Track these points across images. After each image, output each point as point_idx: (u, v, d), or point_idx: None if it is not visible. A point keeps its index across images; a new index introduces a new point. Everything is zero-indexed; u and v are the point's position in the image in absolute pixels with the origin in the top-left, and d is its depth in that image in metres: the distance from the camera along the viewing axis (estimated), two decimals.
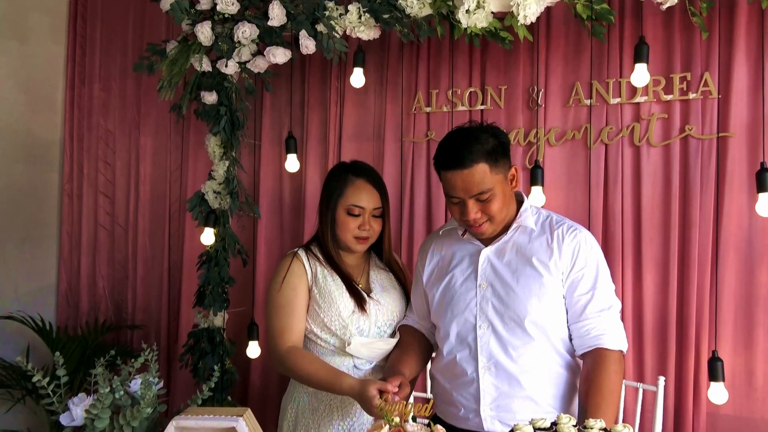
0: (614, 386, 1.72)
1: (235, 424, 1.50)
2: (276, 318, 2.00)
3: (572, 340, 1.84)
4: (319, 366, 1.92)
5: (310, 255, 2.06)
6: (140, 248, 3.63)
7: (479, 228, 1.83)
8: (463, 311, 1.86)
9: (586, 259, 1.81)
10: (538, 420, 1.38)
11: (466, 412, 1.86)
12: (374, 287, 2.07)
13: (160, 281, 3.60)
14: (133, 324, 3.66)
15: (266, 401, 3.29)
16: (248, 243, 3.27)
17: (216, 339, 3.08)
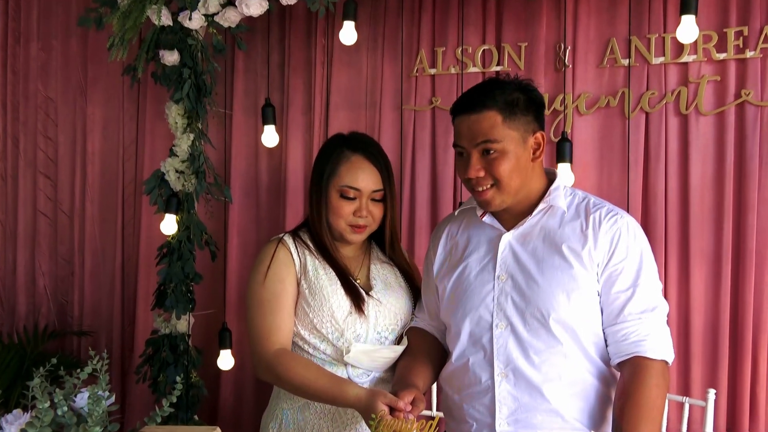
0: (655, 401, 1.71)
1: None
2: (260, 316, 1.97)
3: (608, 346, 1.83)
4: (318, 372, 1.89)
5: (298, 242, 2.05)
6: (88, 239, 3.61)
7: (483, 195, 1.82)
8: (477, 307, 1.85)
9: (627, 249, 1.79)
10: None
11: (478, 427, 1.84)
12: (375, 284, 2.06)
13: (112, 279, 3.58)
14: (81, 330, 3.64)
15: (240, 422, 3.28)
16: (218, 233, 3.26)
17: (179, 347, 3.07)
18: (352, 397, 1.80)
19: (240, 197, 3.30)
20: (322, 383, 1.86)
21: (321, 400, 1.90)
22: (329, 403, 1.89)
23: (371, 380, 2.01)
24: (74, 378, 1.65)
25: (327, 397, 1.86)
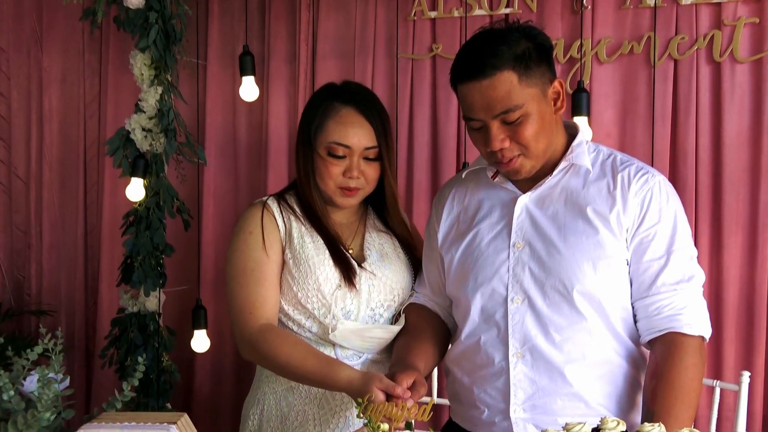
0: (692, 383, 1.69)
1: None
2: (242, 288, 1.95)
3: (637, 321, 1.80)
4: (306, 351, 1.86)
5: (283, 206, 2.02)
6: (47, 208, 3.55)
7: (511, 165, 1.77)
8: (490, 279, 1.82)
9: (659, 212, 1.76)
10: (575, 425, 1.34)
11: (490, 414, 1.82)
12: (369, 255, 2.02)
13: (74, 252, 3.53)
14: (39, 309, 3.58)
15: (218, 410, 3.25)
16: (191, 199, 3.20)
17: (149, 327, 3.02)
18: (343, 380, 1.76)
19: (216, 159, 3.25)
20: (311, 364, 1.82)
21: (309, 383, 1.87)
22: (318, 386, 1.86)
23: (363, 362, 1.98)
24: (23, 359, 1.60)
25: (315, 379, 1.82)
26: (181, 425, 1.49)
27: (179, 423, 1.49)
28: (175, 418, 1.50)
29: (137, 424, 1.46)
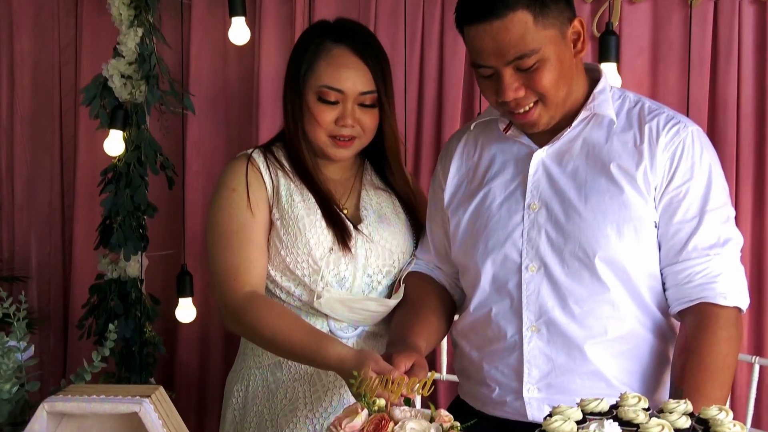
0: (725, 359, 1.68)
1: (137, 409, 1.42)
2: (225, 251, 1.93)
3: (666, 290, 1.78)
4: (293, 323, 1.85)
5: (270, 159, 1.99)
6: (18, 164, 3.52)
7: (527, 116, 1.74)
8: (502, 244, 1.80)
9: (692, 168, 1.73)
10: (591, 401, 1.33)
11: (501, 392, 1.82)
12: (366, 215, 2.00)
13: (49, 212, 3.51)
14: (12, 275, 3.58)
15: (205, 385, 3.26)
16: (175, 154, 3.17)
17: (131, 295, 3.02)
18: (333, 359, 1.74)
19: (203, 109, 3.20)
20: (299, 338, 1.81)
21: (296, 359, 1.87)
22: (306, 363, 1.86)
23: (358, 335, 1.98)
24: None
25: (303, 355, 1.81)
26: (156, 399, 1.47)
27: (153, 397, 1.47)
28: (149, 392, 1.48)
29: (107, 398, 1.45)
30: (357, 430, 1.34)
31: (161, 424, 1.44)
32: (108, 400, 1.43)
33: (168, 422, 1.47)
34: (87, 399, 1.43)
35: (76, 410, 1.43)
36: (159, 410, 1.45)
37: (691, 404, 1.33)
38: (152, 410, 1.43)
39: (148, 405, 1.43)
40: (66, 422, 1.48)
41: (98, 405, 1.42)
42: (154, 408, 1.44)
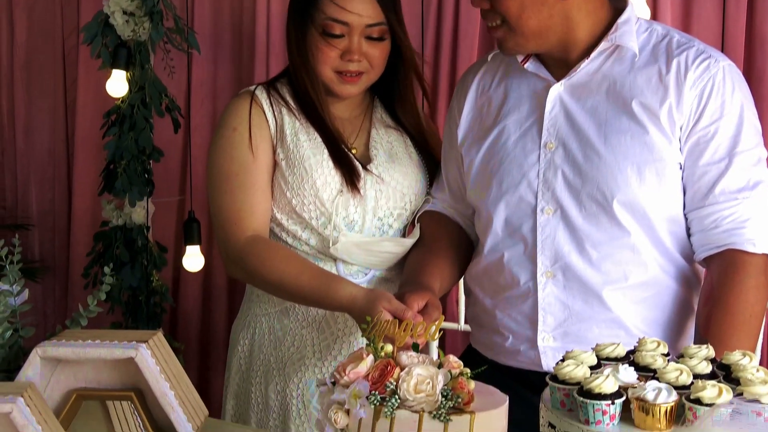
0: (753, 308, 1.66)
1: (133, 354, 1.43)
2: (227, 194, 1.93)
3: (691, 236, 1.76)
4: (301, 266, 1.85)
5: (274, 97, 1.98)
6: (19, 108, 3.56)
7: (494, 32, 1.74)
8: (516, 185, 1.78)
9: (722, 106, 1.70)
10: (606, 346, 1.33)
11: (515, 341, 1.81)
12: (376, 155, 1.98)
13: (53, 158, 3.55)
14: (15, 223, 3.62)
15: (213, 337, 3.30)
16: (181, 94, 3.18)
17: (137, 243, 3.05)
18: (345, 298, 1.75)
19: (209, 47, 3.21)
20: (306, 279, 1.81)
21: (305, 302, 1.87)
22: (315, 306, 1.86)
23: (369, 280, 1.98)
24: None
25: (312, 297, 1.81)
26: (153, 344, 1.48)
27: (151, 342, 1.48)
28: (147, 337, 1.49)
29: (102, 343, 1.45)
30: (362, 376, 1.33)
31: (159, 369, 1.45)
32: (103, 345, 1.44)
33: (166, 368, 1.48)
34: (82, 344, 1.44)
35: (70, 355, 1.44)
36: (156, 355, 1.46)
37: (754, 355, 1.31)
38: (149, 355, 1.44)
39: (145, 350, 1.43)
40: (61, 368, 1.50)
41: (93, 350, 1.43)
42: (151, 353, 1.44)
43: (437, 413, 1.27)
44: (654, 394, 1.12)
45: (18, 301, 1.60)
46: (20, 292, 1.60)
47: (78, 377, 1.50)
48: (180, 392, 1.48)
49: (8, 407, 1.29)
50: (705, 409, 1.11)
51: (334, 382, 1.36)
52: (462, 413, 1.27)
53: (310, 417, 1.94)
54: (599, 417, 1.14)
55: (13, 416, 1.29)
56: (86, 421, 1.52)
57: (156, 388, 1.43)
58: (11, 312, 1.59)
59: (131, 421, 1.51)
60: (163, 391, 1.43)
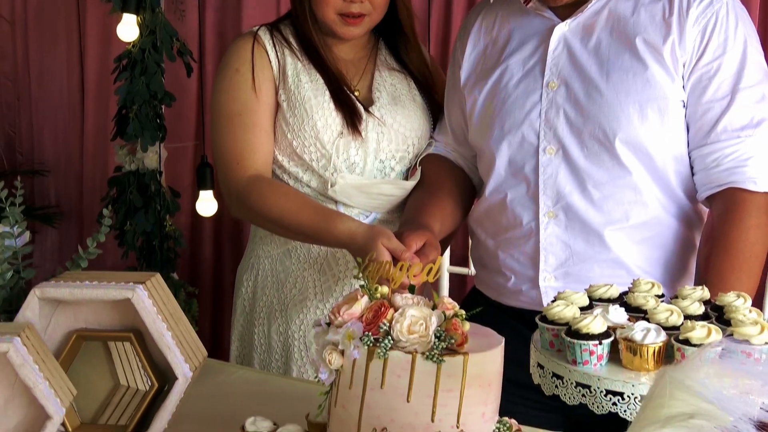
0: (753, 247, 1.65)
1: (129, 295, 1.42)
2: (229, 134, 1.93)
3: (694, 174, 1.74)
4: (300, 202, 1.86)
5: (277, 38, 1.97)
6: (34, 54, 3.57)
7: None
8: (518, 125, 1.77)
9: (725, 42, 1.67)
10: (599, 287, 1.31)
11: (517, 281, 1.82)
12: (378, 98, 1.97)
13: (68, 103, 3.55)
14: (32, 169, 3.64)
15: (224, 282, 3.32)
16: (194, 38, 3.16)
17: (150, 188, 3.06)
18: (344, 233, 1.74)
19: None
20: (306, 215, 1.81)
21: (304, 238, 1.88)
22: (315, 242, 1.87)
23: (370, 222, 1.96)
24: None
25: (312, 233, 1.82)
26: (151, 286, 1.47)
27: (148, 283, 1.47)
28: (144, 278, 1.48)
29: (99, 284, 1.45)
30: (356, 317, 1.33)
31: (156, 310, 1.44)
32: (100, 286, 1.43)
33: (164, 309, 1.47)
34: (79, 285, 1.44)
35: (68, 296, 1.44)
36: (154, 296, 1.45)
37: (748, 296, 1.30)
38: (146, 296, 1.43)
39: (142, 291, 1.42)
40: (62, 310, 1.50)
41: (90, 291, 1.43)
42: (148, 294, 1.43)
43: (430, 354, 1.26)
44: (642, 334, 1.10)
45: (19, 243, 1.60)
46: (21, 233, 1.60)
47: (78, 318, 1.50)
48: (178, 333, 1.47)
49: (5, 347, 1.30)
50: (693, 349, 1.09)
51: (329, 323, 1.36)
52: (455, 354, 1.27)
53: (311, 358, 1.95)
54: (586, 357, 1.13)
55: (9, 355, 1.30)
56: (89, 362, 1.53)
57: (153, 329, 1.42)
58: (13, 254, 1.59)
59: (132, 361, 1.53)
60: (160, 332, 1.43)
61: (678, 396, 0.93)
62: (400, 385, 1.27)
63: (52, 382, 1.35)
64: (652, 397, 0.94)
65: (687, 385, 0.93)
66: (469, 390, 1.27)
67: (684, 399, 0.92)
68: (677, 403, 0.92)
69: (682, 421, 0.91)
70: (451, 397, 1.26)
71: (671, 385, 0.93)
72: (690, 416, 0.91)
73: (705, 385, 0.93)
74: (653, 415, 0.93)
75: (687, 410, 0.92)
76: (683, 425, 0.91)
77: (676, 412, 0.92)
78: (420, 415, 1.27)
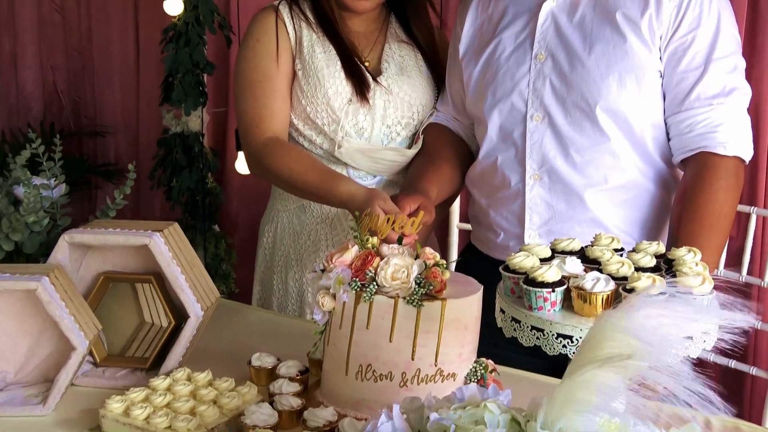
0: (722, 207, 1.61)
1: (147, 241, 1.44)
2: (249, 100, 1.92)
3: (670, 139, 1.71)
4: (308, 164, 1.85)
5: (295, 11, 1.94)
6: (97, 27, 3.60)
7: None
8: (508, 94, 1.74)
9: (699, 15, 1.63)
10: (562, 240, 1.30)
11: (506, 237, 1.81)
12: (387, 68, 1.94)
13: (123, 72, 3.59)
14: (95, 131, 3.67)
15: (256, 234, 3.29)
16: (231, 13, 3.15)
17: (194, 149, 3.08)
18: (344, 194, 1.73)
19: None
20: (313, 177, 1.80)
21: (311, 197, 1.87)
22: (320, 201, 1.86)
23: (377, 182, 1.96)
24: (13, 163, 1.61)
25: (316, 193, 1.80)
26: (168, 234, 1.49)
27: (165, 231, 1.48)
28: (162, 227, 1.49)
29: (121, 231, 1.46)
30: (347, 264, 1.34)
31: (171, 256, 1.45)
32: (122, 233, 1.45)
33: (179, 254, 1.48)
34: (103, 231, 1.45)
35: (92, 241, 1.46)
36: (170, 243, 1.47)
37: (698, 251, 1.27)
38: (162, 243, 1.45)
39: (159, 238, 1.44)
40: (91, 254, 1.52)
41: (112, 237, 1.45)
42: (164, 241, 1.45)
43: (411, 299, 1.27)
44: (592, 283, 1.10)
45: (55, 194, 1.62)
46: (57, 185, 1.63)
47: (106, 262, 1.53)
48: (191, 276, 1.48)
49: (34, 285, 1.34)
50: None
51: (323, 270, 1.37)
52: (434, 300, 1.28)
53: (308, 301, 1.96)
54: (541, 303, 1.13)
55: (38, 292, 1.34)
56: (119, 301, 1.56)
57: (168, 272, 1.44)
58: (51, 204, 1.61)
59: (155, 301, 1.55)
60: (174, 274, 1.45)
61: (616, 338, 0.90)
62: (384, 326, 1.28)
63: (78, 318, 1.37)
64: (590, 338, 0.92)
65: (624, 326, 0.90)
66: (447, 332, 1.28)
67: (621, 340, 0.90)
68: (615, 345, 0.90)
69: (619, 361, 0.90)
70: (429, 338, 1.28)
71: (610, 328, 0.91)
72: (627, 357, 0.89)
73: (643, 327, 0.90)
74: (592, 356, 0.90)
75: (624, 351, 0.89)
76: (620, 365, 0.89)
77: (615, 353, 0.90)
78: (402, 354, 1.28)
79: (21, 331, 1.43)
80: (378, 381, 1.29)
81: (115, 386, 1.43)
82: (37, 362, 1.44)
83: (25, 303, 1.40)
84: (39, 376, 1.44)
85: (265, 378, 1.44)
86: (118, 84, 3.62)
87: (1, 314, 1.41)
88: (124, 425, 1.27)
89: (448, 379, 1.30)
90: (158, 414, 1.25)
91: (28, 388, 1.40)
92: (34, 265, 1.45)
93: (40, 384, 1.41)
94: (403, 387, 1.27)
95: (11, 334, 1.42)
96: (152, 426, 1.24)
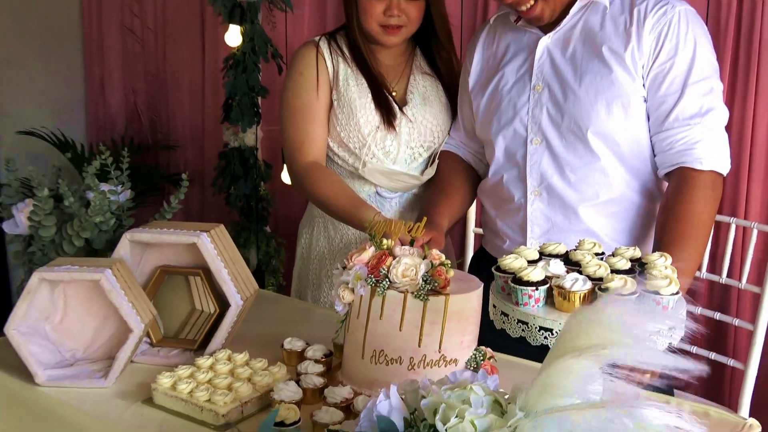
0: (701, 216, 1.58)
1: (195, 240, 1.46)
2: (292, 126, 1.92)
3: (655, 156, 1.68)
4: (340, 191, 1.85)
5: (333, 47, 1.94)
6: (170, 53, 3.63)
7: (531, 13, 1.64)
8: (511, 121, 1.73)
9: (676, 44, 1.60)
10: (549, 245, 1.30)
11: (511, 244, 1.80)
12: (411, 99, 1.93)
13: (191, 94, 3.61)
14: (168, 145, 3.73)
15: None
16: (281, 44, 3.16)
17: (249, 161, 3.09)
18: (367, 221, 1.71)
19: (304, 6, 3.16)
20: (342, 203, 1.81)
21: (339, 219, 1.87)
22: (347, 223, 1.85)
23: (401, 196, 1.96)
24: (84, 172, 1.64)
25: (344, 216, 1.81)
26: (214, 234, 1.51)
27: (212, 232, 1.51)
28: (209, 228, 1.52)
29: (174, 230, 1.49)
30: (364, 262, 1.35)
31: (216, 253, 1.48)
32: (175, 232, 1.48)
33: (224, 252, 1.50)
34: (159, 231, 1.49)
35: (150, 239, 1.49)
36: (216, 242, 1.49)
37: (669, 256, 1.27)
38: (209, 242, 1.47)
39: (205, 237, 1.47)
40: (150, 250, 1.56)
41: (166, 236, 1.48)
42: (210, 240, 1.48)
43: (418, 294, 1.28)
44: (571, 283, 1.09)
45: (121, 198, 1.65)
46: (123, 191, 1.66)
47: (163, 257, 1.56)
48: (233, 270, 1.50)
49: (98, 276, 1.37)
50: None
51: (344, 267, 1.38)
52: (439, 295, 1.29)
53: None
54: (526, 300, 1.13)
55: (101, 283, 1.37)
56: (174, 291, 1.59)
57: (213, 266, 1.47)
58: (118, 207, 1.64)
59: (205, 291, 1.57)
60: (218, 269, 1.47)
61: (591, 331, 0.90)
62: (395, 317, 1.30)
63: (135, 305, 1.40)
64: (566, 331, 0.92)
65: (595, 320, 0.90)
66: (450, 323, 1.29)
67: (594, 332, 0.89)
68: (591, 337, 0.89)
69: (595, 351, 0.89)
70: (434, 328, 1.28)
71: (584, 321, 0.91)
72: (602, 347, 0.88)
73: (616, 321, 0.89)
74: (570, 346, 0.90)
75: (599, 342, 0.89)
76: (596, 355, 0.88)
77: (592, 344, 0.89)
78: (410, 341, 1.29)
79: (88, 315, 1.46)
80: (389, 364, 1.30)
81: (167, 364, 1.46)
82: (102, 342, 1.48)
83: (91, 291, 1.44)
84: (103, 353, 1.47)
85: (295, 359, 1.45)
86: (187, 104, 3.67)
87: (71, 300, 1.45)
88: (171, 398, 1.29)
89: (450, 364, 1.30)
90: (200, 389, 1.28)
91: (93, 364, 1.44)
92: (100, 259, 1.48)
93: (104, 360, 1.45)
94: (411, 370, 1.28)
95: (80, 317, 1.46)
96: (195, 399, 1.26)
